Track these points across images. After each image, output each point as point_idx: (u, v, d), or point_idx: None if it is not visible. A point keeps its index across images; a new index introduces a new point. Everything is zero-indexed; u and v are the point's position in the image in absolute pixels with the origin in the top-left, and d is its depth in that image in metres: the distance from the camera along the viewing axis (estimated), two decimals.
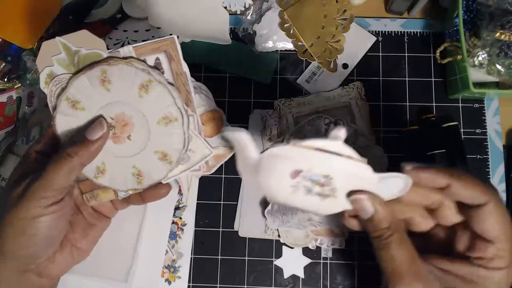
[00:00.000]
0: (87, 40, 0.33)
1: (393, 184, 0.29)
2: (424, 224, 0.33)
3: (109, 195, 0.36)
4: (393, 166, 0.47)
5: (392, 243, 0.29)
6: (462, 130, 0.48)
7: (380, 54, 0.51)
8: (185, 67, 0.36)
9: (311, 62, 0.50)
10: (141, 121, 0.34)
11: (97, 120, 0.33)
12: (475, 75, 0.45)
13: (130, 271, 0.43)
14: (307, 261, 0.46)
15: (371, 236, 0.31)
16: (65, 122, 0.34)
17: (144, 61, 0.34)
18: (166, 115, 0.34)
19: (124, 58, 0.34)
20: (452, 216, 0.31)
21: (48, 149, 0.35)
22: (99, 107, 0.34)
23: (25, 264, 0.32)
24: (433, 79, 0.50)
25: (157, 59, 0.35)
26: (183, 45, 0.51)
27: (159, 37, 0.35)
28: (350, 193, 0.30)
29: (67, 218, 0.34)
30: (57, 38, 0.33)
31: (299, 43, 0.50)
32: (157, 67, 0.35)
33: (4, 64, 0.51)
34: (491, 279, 0.29)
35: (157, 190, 0.37)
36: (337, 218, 0.38)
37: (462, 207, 0.31)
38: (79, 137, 0.33)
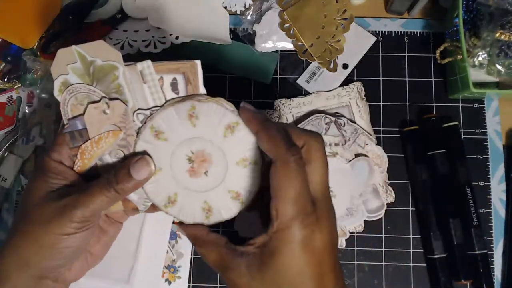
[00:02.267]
0: (104, 51, 0.33)
1: (362, 167, 0.31)
2: None
3: (118, 206, 0.36)
4: (393, 166, 0.47)
5: (203, 253, 0.31)
6: (462, 130, 0.48)
7: (380, 54, 0.51)
8: (203, 92, 0.36)
9: (311, 62, 0.50)
10: (220, 160, 0.34)
11: (142, 158, 0.33)
12: (475, 75, 0.45)
13: (132, 272, 0.44)
14: None
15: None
16: (143, 148, 0.34)
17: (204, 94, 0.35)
18: (246, 157, 0.34)
19: (214, 97, 0.34)
20: None
21: (65, 157, 0.35)
22: (181, 140, 0.34)
23: (47, 273, 0.32)
24: (433, 79, 0.50)
25: (174, 79, 0.35)
26: (183, 45, 0.51)
27: (182, 60, 0.35)
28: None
29: (94, 232, 0.34)
30: (74, 46, 0.33)
31: (299, 43, 0.50)
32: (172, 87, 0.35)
33: (4, 64, 0.51)
34: (279, 240, 0.28)
35: None
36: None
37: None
38: (124, 173, 0.32)
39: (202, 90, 0.36)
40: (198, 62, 0.35)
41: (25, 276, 0.32)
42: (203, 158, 0.34)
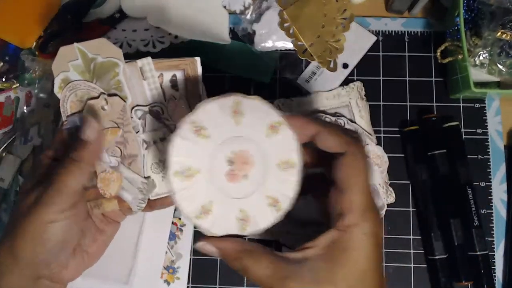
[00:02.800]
0: (105, 48, 0.33)
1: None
2: None
3: (113, 205, 0.36)
4: (393, 166, 0.47)
5: (248, 267, 0.28)
6: (463, 130, 0.48)
7: (381, 53, 0.51)
8: (201, 90, 0.36)
9: (311, 62, 0.50)
10: (261, 162, 0.31)
11: (84, 120, 0.33)
12: (476, 74, 0.45)
13: (131, 273, 0.43)
14: None
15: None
16: (180, 145, 0.31)
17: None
18: (287, 160, 0.31)
19: (256, 97, 0.32)
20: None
21: (60, 155, 0.35)
22: (223, 139, 0.31)
23: (39, 270, 0.32)
24: (433, 79, 0.50)
25: (174, 76, 0.35)
26: (182, 45, 0.51)
27: (182, 57, 0.35)
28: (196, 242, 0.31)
29: (80, 223, 0.34)
30: (75, 44, 0.33)
31: (299, 43, 0.50)
32: (172, 83, 0.35)
33: (2, 64, 0.50)
34: (349, 235, 0.27)
35: (165, 199, 0.38)
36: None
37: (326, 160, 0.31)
38: (78, 140, 0.33)
39: (202, 86, 0.36)
40: (198, 59, 0.35)
41: (20, 275, 0.32)
42: (244, 160, 0.31)
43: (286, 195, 0.32)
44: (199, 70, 0.36)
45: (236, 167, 0.31)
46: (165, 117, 0.36)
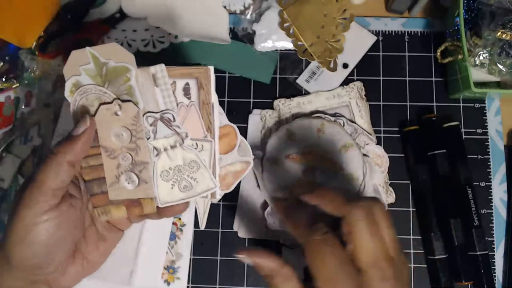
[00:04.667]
0: (117, 53, 0.33)
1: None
2: None
3: (121, 213, 0.35)
4: (393, 166, 0.47)
5: (277, 285, 0.29)
6: (463, 130, 0.48)
7: (381, 53, 0.51)
8: (214, 98, 0.36)
9: (311, 62, 0.50)
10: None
11: (81, 117, 0.33)
12: (476, 74, 0.45)
13: (132, 274, 0.43)
14: None
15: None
16: (274, 141, 0.45)
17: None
18: (352, 173, 0.44)
19: (337, 123, 0.46)
20: None
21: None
22: (306, 145, 0.45)
23: (32, 274, 0.32)
24: (433, 79, 0.50)
25: (187, 84, 0.35)
26: (182, 45, 0.51)
27: (194, 64, 0.36)
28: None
29: (70, 226, 0.33)
30: (87, 48, 0.33)
31: (299, 43, 0.50)
32: (185, 91, 0.35)
33: (2, 63, 0.50)
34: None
35: (175, 207, 0.37)
36: None
37: None
38: (65, 137, 0.32)
39: (214, 95, 0.36)
40: (211, 68, 0.36)
41: (14, 278, 0.31)
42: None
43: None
44: (212, 78, 0.36)
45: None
46: (176, 124, 0.36)
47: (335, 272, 0.27)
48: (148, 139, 0.35)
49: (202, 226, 0.43)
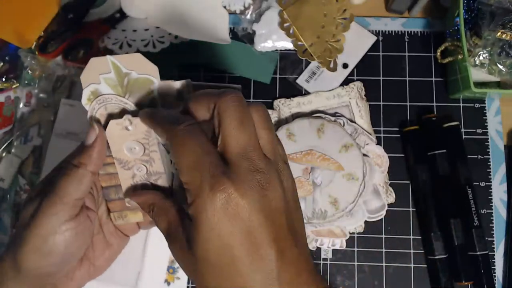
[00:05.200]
0: (140, 64, 0.32)
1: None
2: None
3: (138, 217, 0.35)
4: (393, 166, 0.47)
5: (154, 219, 0.30)
6: (463, 130, 0.48)
7: (381, 53, 0.50)
8: None
9: (310, 62, 0.50)
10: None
11: (90, 126, 0.33)
12: (476, 74, 0.45)
13: (139, 276, 0.43)
14: None
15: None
16: None
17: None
18: (351, 173, 0.45)
19: (337, 123, 0.46)
20: None
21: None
22: (306, 145, 0.45)
23: (42, 283, 0.32)
24: (433, 79, 0.50)
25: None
26: (182, 45, 0.51)
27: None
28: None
29: (86, 236, 0.33)
30: (108, 56, 0.31)
31: (299, 43, 0.50)
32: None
33: (2, 63, 0.50)
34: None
35: None
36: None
37: None
38: (79, 147, 0.32)
39: None
40: (239, 87, 0.35)
41: (22, 286, 0.31)
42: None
43: (346, 199, 0.44)
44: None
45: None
46: None
47: (197, 162, 0.25)
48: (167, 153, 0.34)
49: None
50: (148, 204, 0.31)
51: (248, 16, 0.51)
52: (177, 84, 0.33)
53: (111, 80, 0.32)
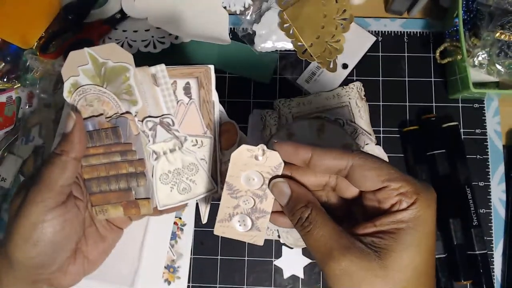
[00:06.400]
0: (115, 53, 0.33)
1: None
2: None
3: (118, 212, 0.35)
4: (393, 166, 0.47)
5: (313, 222, 0.28)
6: (462, 130, 0.48)
7: (380, 54, 0.51)
8: (215, 97, 0.37)
9: (310, 62, 0.50)
10: None
11: (67, 115, 0.34)
12: (475, 75, 0.45)
13: (135, 275, 0.44)
14: (307, 261, 0.46)
15: (294, 225, 0.30)
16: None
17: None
18: None
19: (337, 123, 0.46)
20: (347, 189, 0.31)
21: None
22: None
23: (34, 273, 0.32)
24: (433, 79, 0.50)
25: (188, 83, 0.36)
26: (183, 45, 0.51)
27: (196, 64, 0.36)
28: (269, 181, 0.31)
29: (75, 225, 0.33)
30: (86, 49, 0.33)
31: (299, 43, 0.50)
32: (185, 90, 0.36)
33: (3, 64, 0.50)
34: (409, 217, 0.27)
35: (173, 208, 0.38)
36: None
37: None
38: (61, 137, 0.33)
39: (215, 94, 0.37)
40: (212, 67, 0.36)
41: (16, 278, 0.31)
42: None
43: None
44: (213, 78, 0.36)
45: None
46: (175, 128, 0.36)
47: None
48: (148, 143, 0.35)
49: (204, 220, 0.43)
50: (307, 200, 0.29)
51: (248, 17, 0.51)
52: (152, 69, 0.34)
53: (89, 71, 0.34)
